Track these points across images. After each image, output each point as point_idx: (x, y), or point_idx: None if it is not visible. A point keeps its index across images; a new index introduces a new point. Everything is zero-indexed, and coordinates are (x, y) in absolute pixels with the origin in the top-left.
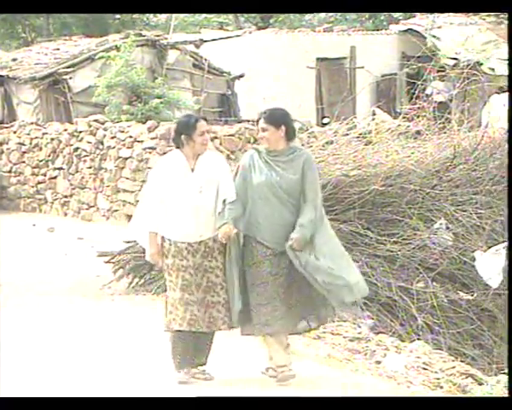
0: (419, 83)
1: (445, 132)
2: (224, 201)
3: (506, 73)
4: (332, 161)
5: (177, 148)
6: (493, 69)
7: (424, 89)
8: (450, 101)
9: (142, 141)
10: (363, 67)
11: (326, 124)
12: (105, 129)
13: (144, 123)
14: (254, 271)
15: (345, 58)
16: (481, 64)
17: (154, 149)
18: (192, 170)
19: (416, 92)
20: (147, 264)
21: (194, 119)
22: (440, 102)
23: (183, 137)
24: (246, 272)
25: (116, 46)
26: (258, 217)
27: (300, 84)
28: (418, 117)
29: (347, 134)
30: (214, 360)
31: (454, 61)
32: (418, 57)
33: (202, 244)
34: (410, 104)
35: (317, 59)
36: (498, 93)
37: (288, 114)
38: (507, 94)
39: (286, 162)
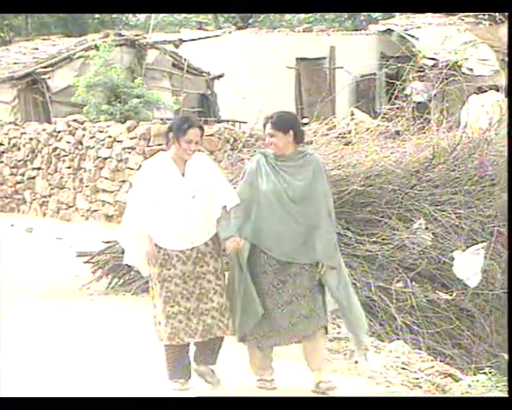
0: (398, 83)
1: (424, 132)
2: (225, 207)
3: (485, 73)
4: None
5: (166, 145)
6: (472, 70)
7: (403, 89)
8: (430, 101)
9: (121, 141)
10: (342, 68)
11: (305, 124)
12: (84, 129)
13: (123, 123)
14: (256, 281)
15: (324, 58)
16: (460, 64)
17: (134, 148)
18: (182, 174)
19: (395, 92)
20: (127, 264)
21: (189, 124)
22: (419, 103)
23: (170, 134)
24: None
25: (95, 46)
26: (263, 225)
27: (280, 84)
28: (397, 117)
29: (327, 134)
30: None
31: (433, 62)
32: (397, 57)
33: (194, 250)
34: (389, 104)
35: (297, 59)
36: (477, 93)
37: (295, 117)
38: (485, 95)
39: (294, 167)
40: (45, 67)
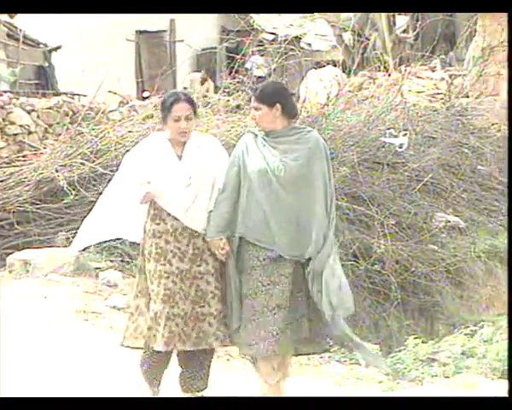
0: (238, 57)
1: None
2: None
3: (322, 48)
4: None
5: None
6: (310, 44)
7: (243, 63)
8: (269, 75)
9: None
10: (182, 41)
11: (146, 97)
12: None
13: None
14: (245, 279)
15: (164, 31)
16: (299, 39)
17: None
18: (179, 158)
19: (236, 66)
20: None
21: (174, 98)
22: (260, 77)
23: (161, 116)
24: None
25: None
26: (252, 213)
27: (120, 57)
28: (238, 91)
29: None
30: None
31: (272, 36)
32: (237, 31)
33: (190, 246)
34: (229, 78)
35: (137, 31)
36: (315, 68)
37: (283, 88)
38: (324, 70)
39: (287, 143)
40: None
